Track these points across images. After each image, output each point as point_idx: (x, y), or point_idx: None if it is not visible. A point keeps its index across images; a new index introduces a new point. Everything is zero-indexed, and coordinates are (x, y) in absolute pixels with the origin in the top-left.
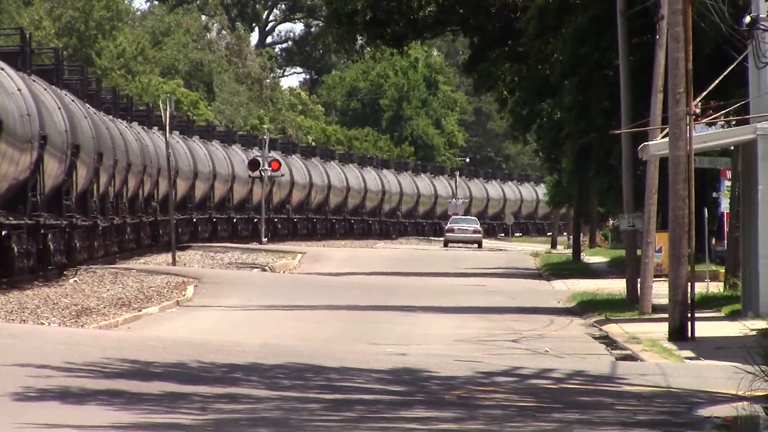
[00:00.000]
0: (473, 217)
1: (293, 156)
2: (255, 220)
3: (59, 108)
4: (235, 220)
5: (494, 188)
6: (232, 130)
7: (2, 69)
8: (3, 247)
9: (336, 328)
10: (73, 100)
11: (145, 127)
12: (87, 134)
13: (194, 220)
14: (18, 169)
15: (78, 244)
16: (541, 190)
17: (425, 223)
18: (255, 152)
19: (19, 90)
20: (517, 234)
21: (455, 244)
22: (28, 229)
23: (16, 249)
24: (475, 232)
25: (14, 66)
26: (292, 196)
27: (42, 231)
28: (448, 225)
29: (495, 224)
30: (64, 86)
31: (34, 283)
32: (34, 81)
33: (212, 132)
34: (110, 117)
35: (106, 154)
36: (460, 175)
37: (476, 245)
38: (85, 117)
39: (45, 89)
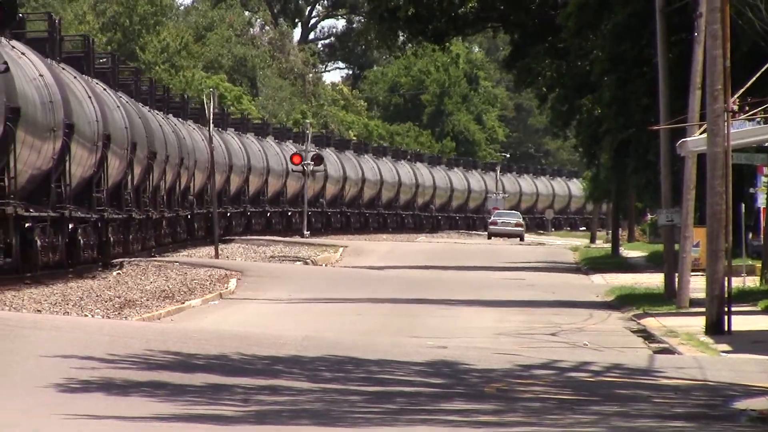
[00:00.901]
0: (516, 212)
1: (327, 149)
2: (289, 213)
3: (89, 97)
4: (269, 214)
5: (538, 183)
6: (285, 127)
7: (23, 54)
8: (25, 240)
9: (377, 321)
10: (105, 89)
11: (199, 125)
12: (119, 124)
13: (228, 214)
14: (85, 168)
15: (112, 239)
16: (574, 186)
17: (458, 216)
18: (289, 145)
19: (41, 76)
20: (552, 229)
21: (498, 237)
22: (53, 222)
23: (39, 242)
24: (517, 225)
25: (42, 52)
26: (326, 190)
27: (70, 224)
28: (492, 218)
29: (532, 218)
30: (120, 87)
31: (94, 273)
32: (63, 69)
33: (246, 124)
34: (147, 108)
35: (140, 145)
36: (503, 171)
37: (518, 238)
38: (118, 107)
39: (74, 77)
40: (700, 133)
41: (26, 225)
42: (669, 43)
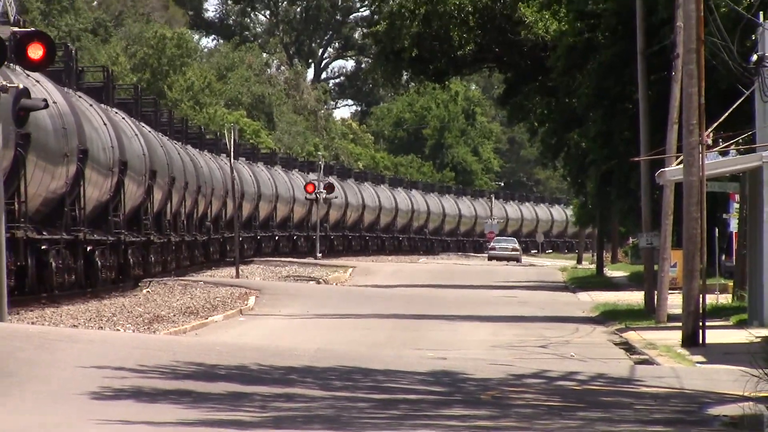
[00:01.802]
0: (512, 238)
1: (348, 180)
2: (295, 237)
3: (105, 124)
4: (295, 237)
5: (527, 210)
6: (292, 156)
7: (38, 82)
8: (41, 262)
9: (383, 335)
10: (150, 131)
11: (214, 154)
12: (137, 152)
13: (258, 237)
14: (101, 192)
15: (153, 259)
16: (556, 211)
17: (465, 240)
18: (296, 173)
19: (55, 103)
20: (548, 251)
21: (497, 260)
22: (68, 244)
23: (99, 263)
24: (513, 249)
25: (99, 99)
26: (347, 216)
27: (123, 247)
28: (491, 244)
29: (528, 241)
30: (141, 118)
31: (112, 293)
32: (80, 97)
33: (275, 158)
34: (181, 144)
35: (178, 178)
36: (497, 198)
37: (515, 261)
38: (136, 135)
39: (90, 105)
40: (677, 164)
41: (42, 247)
42: (649, 81)
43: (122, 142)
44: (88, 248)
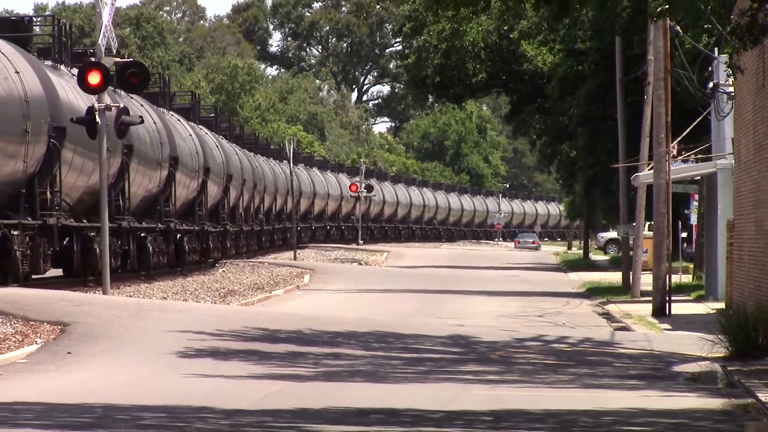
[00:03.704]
0: (533, 233)
1: (384, 182)
2: (342, 227)
3: (217, 147)
4: (342, 227)
5: (528, 206)
6: (339, 163)
7: (179, 120)
8: (178, 246)
9: (411, 306)
10: (207, 133)
11: (277, 161)
12: (237, 166)
13: (312, 227)
14: (188, 191)
15: (229, 244)
16: (551, 207)
17: (477, 230)
18: (343, 177)
19: (190, 135)
20: (545, 239)
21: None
22: (162, 232)
23: (187, 247)
24: (534, 242)
25: (187, 117)
26: (383, 211)
27: (205, 235)
28: (516, 238)
29: (528, 232)
30: (220, 132)
31: (194, 272)
32: (172, 116)
33: (326, 164)
34: (253, 154)
35: (248, 180)
36: (503, 197)
37: (535, 249)
38: (235, 154)
39: (207, 133)
40: (649, 170)
41: (141, 234)
42: (626, 104)
43: (206, 152)
44: (178, 236)
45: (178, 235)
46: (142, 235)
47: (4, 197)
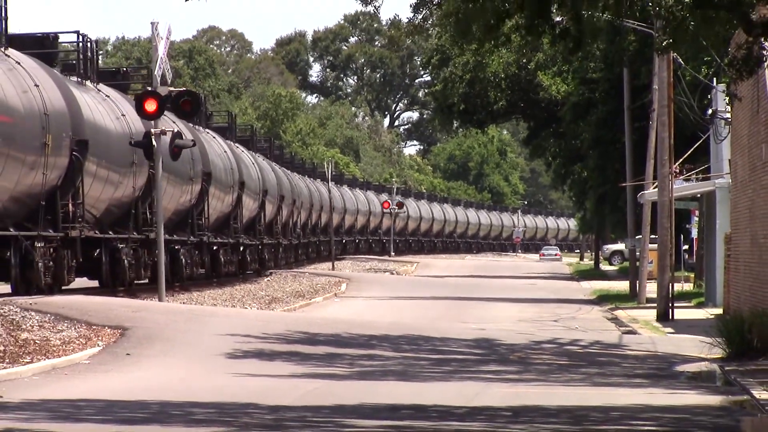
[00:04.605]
0: (555, 246)
1: (413, 199)
2: (384, 241)
3: (253, 164)
4: (371, 241)
5: (543, 221)
6: (368, 181)
7: (214, 137)
8: (214, 258)
9: (438, 312)
10: (263, 160)
11: (315, 180)
12: (273, 182)
13: (343, 240)
14: (223, 205)
15: (266, 256)
16: (563, 222)
17: (497, 243)
18: (384, 196)
19: (225, 152)
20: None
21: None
22: (231, 245)
23: (222, 259)
24: (556, 254)
25: (224, 136)
26: (412, 225)
27: (241, 248)
28: (541, 251)
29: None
30: (257, 150)
31: (234, 282)
32: (237, 146)
33: (357, 182)
34: (289, 171)
35: (286, 196)
36: (522, 213)
37: (557, 261)
38: (272, 171)
39: (243, 151)
40: (653, 188)
41: (175, 247)
42: (633, 128)
43: (241, 168)
44: (214, 248)
45: (215, 247)
46: (176, 247)
47: (24, 210)
